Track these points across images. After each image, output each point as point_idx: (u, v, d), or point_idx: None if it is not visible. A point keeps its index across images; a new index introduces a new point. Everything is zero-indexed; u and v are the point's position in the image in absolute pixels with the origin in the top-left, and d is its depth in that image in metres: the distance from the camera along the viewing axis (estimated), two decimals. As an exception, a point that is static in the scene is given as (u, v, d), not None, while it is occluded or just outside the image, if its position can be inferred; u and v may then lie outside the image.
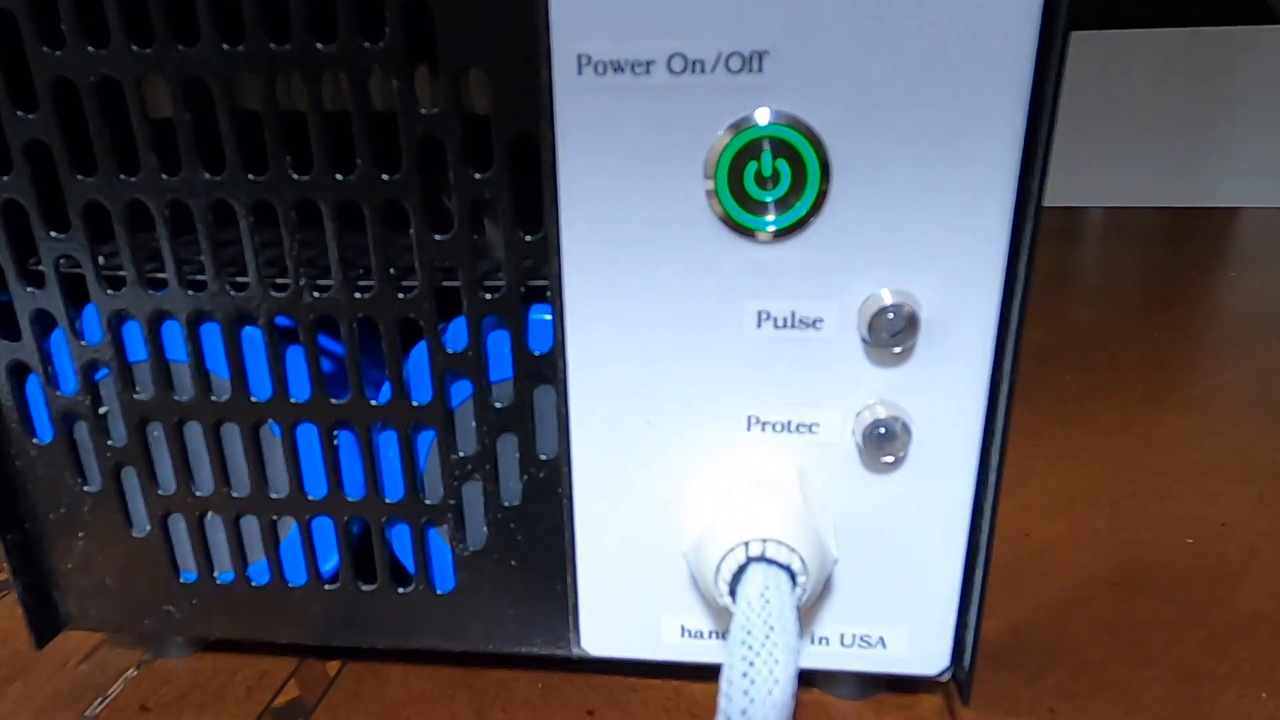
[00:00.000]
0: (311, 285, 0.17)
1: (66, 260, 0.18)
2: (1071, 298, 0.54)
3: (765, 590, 0.15)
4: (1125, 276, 0.59)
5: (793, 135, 0.15)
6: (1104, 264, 0.64)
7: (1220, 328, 0.49)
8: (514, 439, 0.18)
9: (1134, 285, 0.57)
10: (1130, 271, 0.61)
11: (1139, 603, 0.24)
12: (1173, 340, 0.46)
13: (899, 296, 0.16)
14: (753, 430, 0.17)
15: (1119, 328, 0.48)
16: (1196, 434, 0.34)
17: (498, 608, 0.20)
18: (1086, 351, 0.44)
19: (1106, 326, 0.48)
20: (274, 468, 0.19)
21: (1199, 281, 0.57)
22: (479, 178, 0.16)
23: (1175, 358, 0.43)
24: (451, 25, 0.15)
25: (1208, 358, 0.44)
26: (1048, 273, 0.58)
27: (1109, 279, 0.59)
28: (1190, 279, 0.57)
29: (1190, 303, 0.52)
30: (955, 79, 0.15)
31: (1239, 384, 0.40)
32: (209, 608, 0.21)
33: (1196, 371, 0.42)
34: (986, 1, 0.14)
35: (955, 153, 0.15)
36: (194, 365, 0.18)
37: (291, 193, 0.17)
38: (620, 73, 0.15)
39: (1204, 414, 0.36)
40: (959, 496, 0.17)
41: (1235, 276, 0.58)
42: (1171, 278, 0.58)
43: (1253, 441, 0.34)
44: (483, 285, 0.17)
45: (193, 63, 0.16)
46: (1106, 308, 0.52)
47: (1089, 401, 0.38)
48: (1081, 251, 0.68)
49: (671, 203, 0.16)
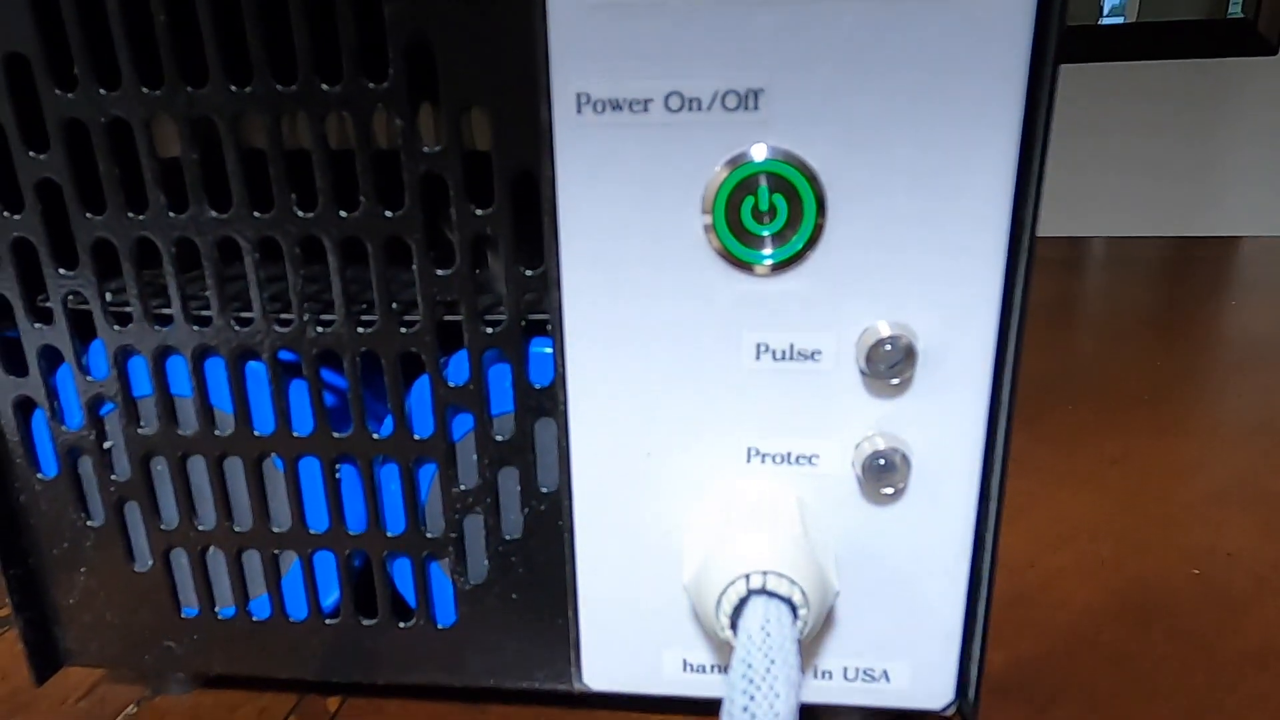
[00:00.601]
0: (315, 320, 0.18)
1: (74, 297, 0.18)
2: (1074, 327, 0.55)
3: (766, 623, 0.15)
4: (1127, 306, 0.59)
5: (788, 171, 0.15)
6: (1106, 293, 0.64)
7: (1222, 356, 0.49)
8: (515, 472, 0.18)
9: (1136, 314, 0.57)
10: (1132, 300, 0.61)
11: (1146, 635, 0.24)
12: (1175, 369, 0.46)
13: (896, 328, 0.16)
14: (753, 462, 0.17)
15: (1122, 357, 0.48)
16: (1201, 463, 0.34)
17: (499, 642, 0.20)
18: (1089, 381, 0.44)
19: (1109, 356, 0.48)
20: (276, 502, 0.19)
21: (1201, 310, 0.57)
22: (480, 213, 0.16)
23: (1178, 386, 0.43)
24: (453, 65, 0.16)
25: (1211, 386, 0.44)
26: (1050, 302, 0.59)
27: (1111, 308, 0.59)
28: (1192, 307, 0.58)
29: (1192, 331, 0.53)
30: (947, 114, 0.15)
31: (1242, 412, 0.40)
32: (210, 643, 0.21)
33: (1200, 400, 0.42)
34: (976, 39, 0.14)
35: (949, 186, 0.15)
36: (198, 400, 0.19)
37: (296, 229, 0.17)
38: (619, 111, 0.15)
39: (1208, 442, 0.36)
40: (960, 527, 0.17)
41: (1236, 304, 0.58)
42: (1173, 306, 0.58)
43: (1257, 470, 0.34)
44: (484, 319, 0.17)
45: (201, 104, 0.16)
46: (1109, 337, 0.52)
47: (1092, 431, 0.37)
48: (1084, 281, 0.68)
49: (670, 237, 0.16)
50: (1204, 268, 0.70)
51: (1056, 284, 0.64)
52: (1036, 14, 0.14)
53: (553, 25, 0.15)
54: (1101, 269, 0.73)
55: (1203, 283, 0.65)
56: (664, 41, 0.15)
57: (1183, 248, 0.81)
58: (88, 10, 0.16)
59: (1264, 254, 0.77)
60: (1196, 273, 0.69)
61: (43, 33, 0.16)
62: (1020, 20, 0.14)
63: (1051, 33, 0.14)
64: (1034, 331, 0.52)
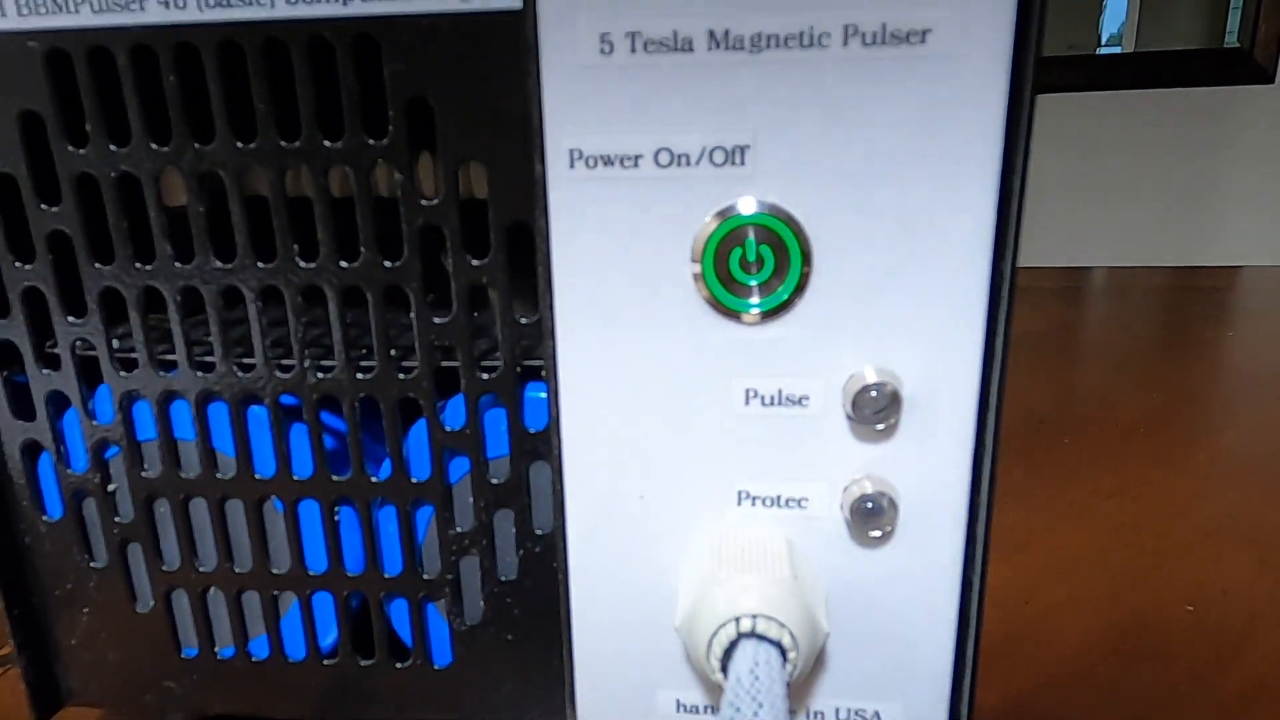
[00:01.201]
0: (316, 366, 0.18)
1: (82, 343, 0.19)
2: (1072, 359, 0.55)
3: (755, 667, 0.15)
4: (1125, 336, 0.60)
5: (774, 223, 0.16)
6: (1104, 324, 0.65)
7: (1220, 387, 0.49)
8: (510, 514, 0.19)
9: (1134, 345, 0.57)
10: (1130, 331, 0.61)
11: (1141, 670, 0.24)
12: (1172, 401, 0.46)
13: (881, 374, 0.16)
14: (743, 505, 0.18)
15: (1119, 388, 0.48)
16: (1197, 497, 0.34)
17: (494, 682, 0.20)
18: (1086, 413, 0.44)
19: (1107, 387, 0.48)
20: (276, 543, 0.20)
21: (1198, 341, 0.57)
22: (477, 263, 0.17)
23: (1175, 419, 0.43)
24: (451, 123, 0.16)
25: (1208, 419, 0.44)
26: (1048, 333, 0.59)
27: (1109, 339, 0.60)
28: (1190, 338, 0.58)
29: (1190, 362, 0.53)
30: (926, 167, 0.15)
31: (1239, 445, 0.40)
32: (209, 683, 0.21)
33: (1196, 433, 0.42)
34: (953, 94, 0.15)
35: (930, 236, 0.16)
36: (201, 443, 0.19)
37: (298, 279, 0.17)
38: (610, 166, 0.16)
39: (1204, 476, 0.36)
40: (948, 568, 0.18)
41: (1233, 336, 0.59)
42: (1171, 337, 0.59)
43: (1253, 504, 0.34)
44: (480, 365, 0.18)
45: (208, 159, 0.17)
46: (1107, 368, 0.52)
47: (1089, 464, 0.38)
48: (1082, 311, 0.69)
49: (661, 286, 0.16)
50: (1202, 298, 0.71)
51: (1055, 314, 0.65)
52: (1011, 70, 0.15)
53: (546, 84, 0.16)
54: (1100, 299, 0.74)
55: (1200, 313, 0.66)
56: (653, 100, 0.15)
57: (1181, 278, 0.81)
58: (99, 70, 0.17)
59: (1262, 284, 0.77)
60: (1194, 303, 0.69)
61: (56, 92, 0.17)
62: (995, 76, 0.15)
63: (1026, 87, 0.15)
64: (1032, 363, 0.52)
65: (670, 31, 0.15)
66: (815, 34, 0.15)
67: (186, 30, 0.16)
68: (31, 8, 0.16)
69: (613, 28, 0.15)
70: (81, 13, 0.16)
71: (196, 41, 0.16)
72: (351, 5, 0.16)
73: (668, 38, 0.15)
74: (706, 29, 0.15)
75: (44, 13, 0.16)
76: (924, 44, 0.15)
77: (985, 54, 0.15)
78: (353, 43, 0.16)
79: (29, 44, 0.17)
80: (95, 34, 0.16)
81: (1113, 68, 1.30)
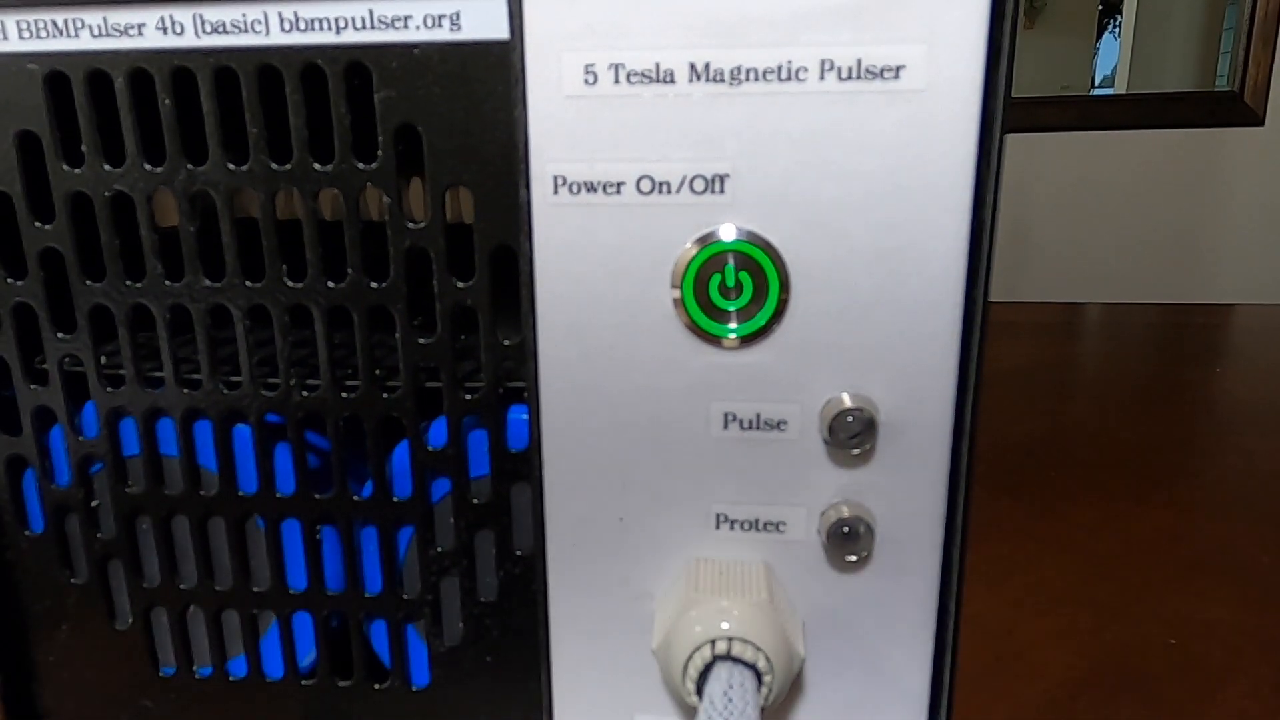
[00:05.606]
0: (301, 384, 0.18)
1: (70, 359, 0.19)
2: (1063, 392, 0.55)
3: (729, 689, 0.15)
4: (1116, 371, 0.60)
5: (753, 250, 0.16)
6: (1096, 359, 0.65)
7: (1208, 423, 0.49)
8: (491, 535, 0.19)
9: (1125, 380, 0.58)
10: (1121, 367, 0.62)
11: (1122, 704, 0.24)
12: (1160, 435, 0.46)
13: (858, 400, 0.16)
14: (721, 528, 0.18)
15: (1108, 423, 0.48)
16: (1181, 531, 0.35)
17: (473, 704, 0.20)
18: (1074, 447, 0.44)
19: (1096, 421, 0.49)
20: (257, 561, 0.20)
21: (1188, 376, 0.58)
22: (461, 285, 0.17)
23: (1161, 454, 0.44)
24: (439, 149, 0.17)
25: (1194, 453, 0.44)
26: (1041, 367, 0.59)
27: (1100, 374, 0.60)
28: (1179, 374, 0.58)
29: (1179, 398, 0.53)
30: (902, 197, 0.16)
31: (1224, 481, 0.40)
32: (186, 702, 0.21)
33: (1182, 468, 0.42)
34: (927, 127, 0.15)
35: (905, 264, 0.16)
36: (185, 460, 0.19)
37: (286, 298, 0.18)
38: (593, 192, 0.16)
39: (1189, 511, 0.37)
40: (924, 594, 0.18)
41: (1221, 372, 0.59)
42: (1161, 373, 0.59)
43: (1237, 539, 0.34)
44: (463, 386, 0.18)
45: (200, 180, 0.17)
46: (1097, 403, 0.52)
47: (1075, 497, 0.38)
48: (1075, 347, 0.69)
49: (641, 311, 0.17)
50: (1193, 334, 0.71)
51: (1049, 349, 0.65)
52: (983, 104, 0.15)
53: (532, 113, 0.16)
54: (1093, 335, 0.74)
55: (1191, 350, 0.66)
56: (635, 129, 0.16)
57: (1173, 314, 0.82)
58: (97, 92, 0.17)
59: (1253, 321, 0.78)
60: (1185, 340, 0.70)
61: (53, 113, 0.17)
62: (967, 109, 0.15)
63: (996, 120, 0.15)
64: (1024, 396, 0.52)
65: (653, 64, 0.16)
66: (793, 68, 0.15)
67: (183, 55, 0.17)
68: (33, 31, 0.17)
69: (597, 59, 0.16)
70: (81, 37, 0.17)
71: (192, 66, 0.17)
72: (344, 34, 0.16)
73: (650, 70, 0.16)
74: (688, 62, 0.15)
75: (45, 36, 0.17)
76: (898, 79, 0.15)
77: (957, 89, 0.15)
78: (344, 70, 0.16)
79: (29, 66, 0.17)
80: (94, 57, 0.17)
81: (1106, 109, 1.32)
